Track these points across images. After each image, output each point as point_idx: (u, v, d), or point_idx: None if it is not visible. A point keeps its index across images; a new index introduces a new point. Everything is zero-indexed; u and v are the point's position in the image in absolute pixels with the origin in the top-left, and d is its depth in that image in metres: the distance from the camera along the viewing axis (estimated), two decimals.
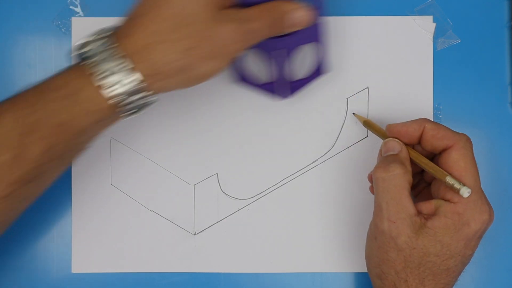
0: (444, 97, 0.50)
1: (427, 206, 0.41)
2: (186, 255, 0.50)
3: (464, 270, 0.43)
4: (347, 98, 0.50)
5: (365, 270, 0.46)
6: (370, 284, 0.44)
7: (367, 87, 0.50)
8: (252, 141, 0.50)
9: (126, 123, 0.50)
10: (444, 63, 0.50)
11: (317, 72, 0.48)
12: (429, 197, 0.43)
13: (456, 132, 0.42)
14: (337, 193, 0.50)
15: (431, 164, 0.42)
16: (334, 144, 0.50)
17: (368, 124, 0.48)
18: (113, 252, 0.50)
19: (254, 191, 0.50)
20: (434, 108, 0.50)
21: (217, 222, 0.50)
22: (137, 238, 0.50)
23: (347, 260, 0.50)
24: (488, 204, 0.41)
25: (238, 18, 0.39)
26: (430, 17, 0.50)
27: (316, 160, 0.50)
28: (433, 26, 0.50)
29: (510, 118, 0.50)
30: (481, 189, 0.41)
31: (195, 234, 0.50)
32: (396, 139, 0.43)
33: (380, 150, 0.44)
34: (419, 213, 0.41)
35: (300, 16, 0.40)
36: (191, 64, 0.38)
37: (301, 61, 0.46)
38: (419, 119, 0.43)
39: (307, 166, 0.50)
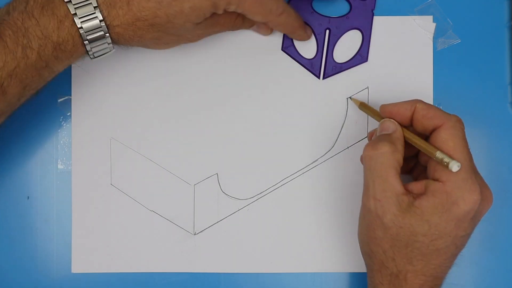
0: (444, 97, 0.50)
1: (417, 186, 0.41)
2: (186, 255, 0.50)
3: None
4: (347, 98, 0.50)
5: (365, 270, 0.46)
6: None
7: (367, 87, 0.50)
8: (252, 141, 0.50)
9: (126, 123, 0.50)
10: (444, 63, 0.50)
11: (356, 59, 0.49)
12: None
13: (446, 112, 0.41)
14: (337, 193, 0.50)
15: (422, 141, 0.41)
16: (334, 144, 0.50)
17: (364, 106, 0.48)
18: (113, 252, 0.50)
19: (254, 191, 0.50)
20: None
21: (217, 222, 0.50)
22: (137, 238, 0.50)
23: (347, 260, 0.50)
24: (482, 184, 0.41)
25: None
26: (430, 17, 0.50)
27: (316, 160, 0.50)
28: (433, 26, 0.50)
29: (510, 118, 0.50)
30: (472, 169, 0.40)
31: (195, 234, 0.50)
32: (392, 120, 0.43)
33: (376, 130, 0.44)
34: (409, 192, 0.40)
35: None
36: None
37: (344, 46, 0.49)
38: (412, 99, 0.43)
39: (307, 166, 0.50)
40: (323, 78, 0.50)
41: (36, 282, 0.50)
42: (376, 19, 0.50)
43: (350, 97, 0.50)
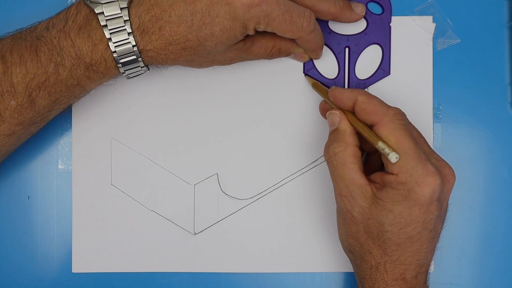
0: (444, 97, 0.50)
1: (376, 178, 0.42)
2: (186, 255, 0.50)
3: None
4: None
5: None
6: None
7: (367, 87, 0.50)
8: (252, 141, 0.50)
9: (126, 123, 0.50)
10: (444, 63, 0.50)
11: (379, 74, 0.49)
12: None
13: (385, 106, 0.41)
14: None
15: (367, 128, 0.41)
16: None
17: (316, 86, 0.48)
18: (113, 252, 0.50)
19: (254, 191, 0.50)
20: (434, 108, 0.50)
21: (217, 222, 0.50)
22: (137, 238, 0.50)
23: (347, 260, 0.50)
24: (439, 164, 0.41)
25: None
26: (430, 17, 0.50)
27: (316, 160, 0.50)
28: (433, 26, 0.50)
29: (510, 118, 0.50)
30: (420, 153, 0.40)
31: (195, 234, 0.50)
32: (336, 111, 0.43)
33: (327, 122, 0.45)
34: (372, 183, 0.41)
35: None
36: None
37: (365, 62, 0.49)
38: (357, 89, 0.43)
39: (307, 166, 0.50)
40: None
41: (36, 282, 0.50)
42: None
43: (305, 74, 0.49)
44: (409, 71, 0.50)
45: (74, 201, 0.50)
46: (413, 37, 0.50)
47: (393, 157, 0.39)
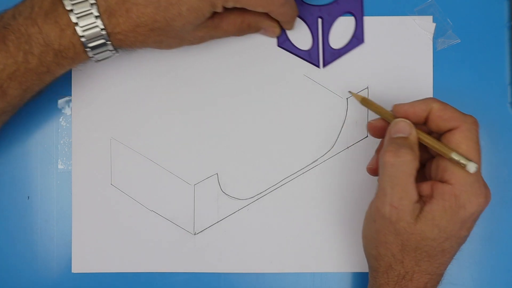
0: (444, 97, 0.50)
1: (424, 188, 0.40)
2: (186, 255, 0.50)
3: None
4: (347, 98, 0.50)
5: (365, 270, 0.46)
6: None
7: (367, 87, 0.50)
8: (252, 141, 0.50)
9: (126, 123, 0.50)
10: (444, 63, 0.50)
11: (353, 42, 0.50)
12: (423, 179, 0.42)
13: (463, 113, 0.41)
14: (337, 193, 0.50)
15: (436, 142, 0.40)
16: (334, 144, 0.50)
17: (366, 102, 0.46)
18: (113, 252, 0.50)
19: (254, 191, 0.50)
20: None
21: (217, 222, 0.50)
22: (137, 238, 0.50)
23: (347, 260, 0.50)
24: (486, 186, 0.41)
25: None
26: (430, 17, 0.50)
27: (316, 160, 0.50)
28: (433, 26, 0.50)
29: (510, 118, 0.50)
30: (480, 172, 0.40)
31: (195, 234, 0.50)
32: (407, 120, 0.41)
33: (389, 130, 0.42)
34: (420, 198, 0.40)
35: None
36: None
37: (339, 31, 0.50)
38: (427, 98, 0.42)
39: (307, 166, 0.50)
40: (324, 66, 0.50)
41: (36, 282, 0.50)
42: (376, 19, 0.50)
43: (350, 91, 0.49)
44: (409, 71, 0.50)
45: (74, 201, 0.50)
46: (413, 37, 0.50)
47: (472, 167, 0.38)
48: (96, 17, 0.40)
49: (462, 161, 0.39)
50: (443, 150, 0.40)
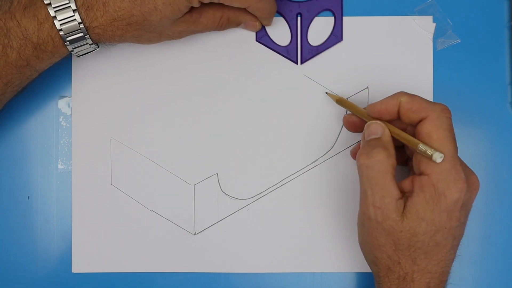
0: (444, 97, 0.50)
1: (406, 184, 0.41)
2: (186, 255, 0.50)
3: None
4: (347, 98, 0.50)
5: (365, 270, 0.46)
6: (370, 284, 0.45)
7: (367, 87, 0.50)
8: (252, 141, 0.50)
9: (126, 123, 0.50)
10: (444, 63, 0.50)
11: (331, 40, 0.50)
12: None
13: (431, 103, 0.41)
14: (337, 193, 0.50)
15: (404, 134, 0.41)
16: (334, 144, 0.50)
17: (341, 102, 0.48)
18: (113, 252, 0.50)
19: (254, 191, 0.50)
20: None
21: (217, 222, 0.50)
22: (137, 238, 0.50)
23: (347, 260, 0.50)
24: (467, 171, 0.41)
25: None
26: (430, 17, 0.50)
27: (316, 160, 0.50)
28: (433, 26, 0.50)
29: (510, 118, 0.50)
30: (456, 158, 0.40)
31: (195, 234, 0.50)
32: (378, 121, 0.42)
33: (363, 133, 0.43)
34: (403, 194, 0.40)
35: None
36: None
37: (317, 28, 0.50)
38: (396, 93, 0.42)
39: (307, 166, 0.50)
40: (301, 63, 0.50)
41: (36, 282, 0.50)
42: (376, 19, 0.50)
43: (326, 92, 0.49)
44: (409, 71, 0.50)
45: (74, 201, 0.50)
46: (413, 37, 0.50)
47: (437, 157, 0.38)
48: (74, 10, 0.41)
49: (428, 151, 0.39)
50: (411, 142, 0.40)
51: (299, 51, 0.50)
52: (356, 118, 0.45)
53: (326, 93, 0.49)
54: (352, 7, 0.50)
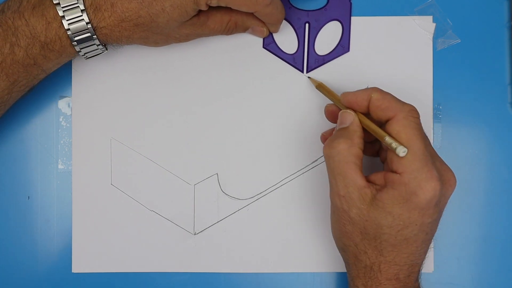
0: (444, 97, 0.50)
1: (378, 177, 0.41)
2: (186, 255, 0.50)
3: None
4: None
5: None
6: None
7: (367, 87, 0.50)
8: (252, 141, 0.50)
9: (126, 123, 0.50)
10: (444, 63, 0.50)
11: (338, 50, 0.50)
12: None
13: (400, 102, 0.41)
14: None
15: (373, 125, 0.41)
16: None
17: (321, 87, 0.48)
18: (113, 252, 0.50)
19: (254, 191, 0.50)
20: (434, 108, 0.50)
21: (217, 222, 0.50)
22: (137, 238, 0.50)
23: None
24: (442, 168, 0.41)
25: None
26: (430, 17, 0.50)
27: (316, 160, 0.50)
28: (433, 26, 0.50)
29: (510, 118, 0.50)
30: (427, 156, 0.39)
31: (195, 234, 0.50)
32: (349, 110, 0.43)
33: (337, 123, 0.44)
34: (371, 184, 0.41)
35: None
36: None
37: (325, 38, 0.50)
38: (370, 88, 0.43)
39: (306, 166, 0.50)
40: (307, 71, 0.50)
41: (36, 282, 0.50)
42: (376, 19, 0.50)
43: (309, 77, 0.50)
44: (409, 71, 0.50)
45: (74, 201, 0.50)
46: (413, 37, 0.50)
47: (401, 151, 0.39)
48: (82, 11, 0.41)
49: (393, 145, 0.39)
50: (379, 135, 0.40)
51: (305, 60, 0.50)
52: (335, 108, 0.46)
53: (308, 77, 0.49)
54: (352, 8, 0.50)
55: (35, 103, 0.50)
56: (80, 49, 0.43)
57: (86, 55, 0.44)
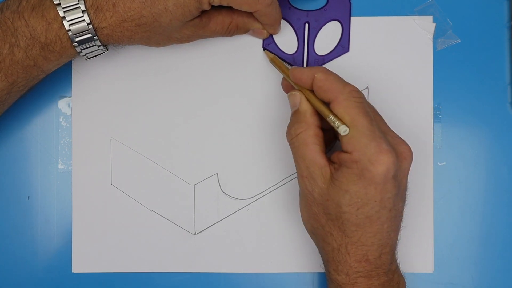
0: (444, 97, 0.50)
1: (334, 157, 0.42)
2: (186, 255, 0.50)
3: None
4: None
5: None
6: None
7: (367, 87, 0.50)
8: (252, 141, 0.50)
9: (126, 123, 0.50)
10: (444, 63, 0.50)
11: (337, 50, 0.50)
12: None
13: (342, 84, 0.41)
14: None
15: (318, 103, 0.42)
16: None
17: (274, 61, 0.48)
18: (113, 252, 0.50)
19: (254, 191, 0.50)
20: (434, 108, 0.50)
21: (217, 222, 0.50)
22: (137, 238, 0.50)
23: None
24: (395, 142, 0.41)
25: None
26: (430, 17, 0.50)
27: None
28: (433, 26, 0.50)
29: (510, 118, 0.50)
30: (374, 132, 0.39)
31: (195, 234, 0.50)
32: (296, 91, 0.43)
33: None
34: (331, 163, 0.41)
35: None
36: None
37: (324, 38, 0.50)
38: (316, 67, 0.43)
39: None
40: None
41: (36, 282, 0.50)
42: (376, 19, 0.50)
43: (264, 49, 0.50)
44: (409, 71, 0.50)
45: (74, 201, 0.50)
46: (413, 37, 0.50)
47: (342, 130, 0.39)
48: (83, 11, 0.41)
49: (336, 123, 0.40)
50: (324, 113, 0.41)
51: (305, 60, 0.50)
52: (288, 83, 0.46)
53: (264, 49, 0.50)
54: (352, 8, 0.50)
55: (35, 103, 0.50)
56: (81, 50, 0.43)
57: (86, 55, 0.44)
